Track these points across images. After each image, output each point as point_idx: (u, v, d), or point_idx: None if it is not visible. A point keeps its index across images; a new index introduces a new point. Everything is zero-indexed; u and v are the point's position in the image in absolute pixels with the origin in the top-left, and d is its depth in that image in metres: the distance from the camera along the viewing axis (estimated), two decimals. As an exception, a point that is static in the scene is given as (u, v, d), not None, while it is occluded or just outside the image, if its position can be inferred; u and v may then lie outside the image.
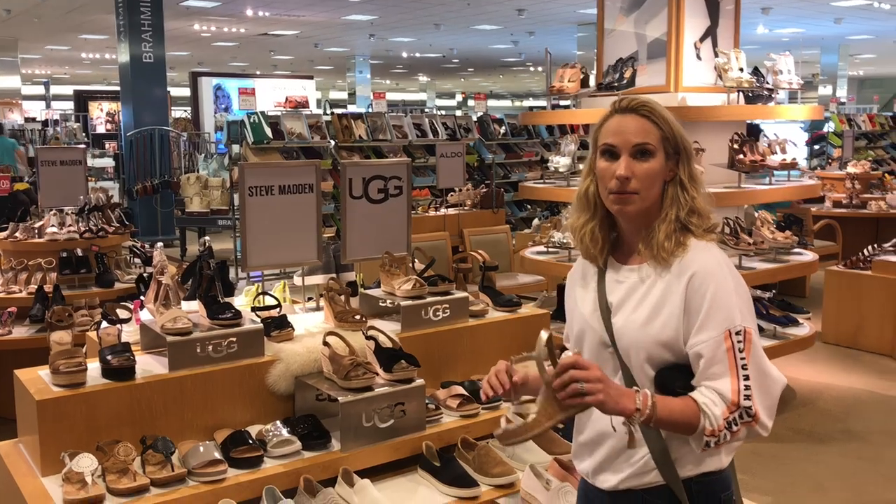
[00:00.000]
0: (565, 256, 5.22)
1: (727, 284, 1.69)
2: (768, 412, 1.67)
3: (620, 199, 1.74)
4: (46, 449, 2.35)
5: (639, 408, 1.61)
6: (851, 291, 6.75)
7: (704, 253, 1.72)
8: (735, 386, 1.64)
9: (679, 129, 1.77)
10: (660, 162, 1.74)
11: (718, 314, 1.66)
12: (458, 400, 2.85)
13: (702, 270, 1.69)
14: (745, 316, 1.68)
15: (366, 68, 24.39)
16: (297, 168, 3.16)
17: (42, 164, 5.62)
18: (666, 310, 1.70)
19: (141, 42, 12.47)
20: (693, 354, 1.68)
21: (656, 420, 1.62)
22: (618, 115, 1.77)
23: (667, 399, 1.65)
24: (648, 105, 1.76)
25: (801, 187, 5.87)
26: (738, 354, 1.65)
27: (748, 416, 1.64)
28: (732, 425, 1.63)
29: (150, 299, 2.78)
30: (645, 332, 1.71)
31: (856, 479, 4.31)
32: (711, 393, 1.65)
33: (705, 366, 1.66)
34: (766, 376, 1.68)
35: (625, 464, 1.77)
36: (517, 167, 11.46)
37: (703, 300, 1.67)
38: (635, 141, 1.73)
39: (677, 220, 1.74)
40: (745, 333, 1.66)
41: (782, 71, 5.53)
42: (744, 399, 1.64)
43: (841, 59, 22.34)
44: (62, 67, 26.38)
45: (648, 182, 1.73)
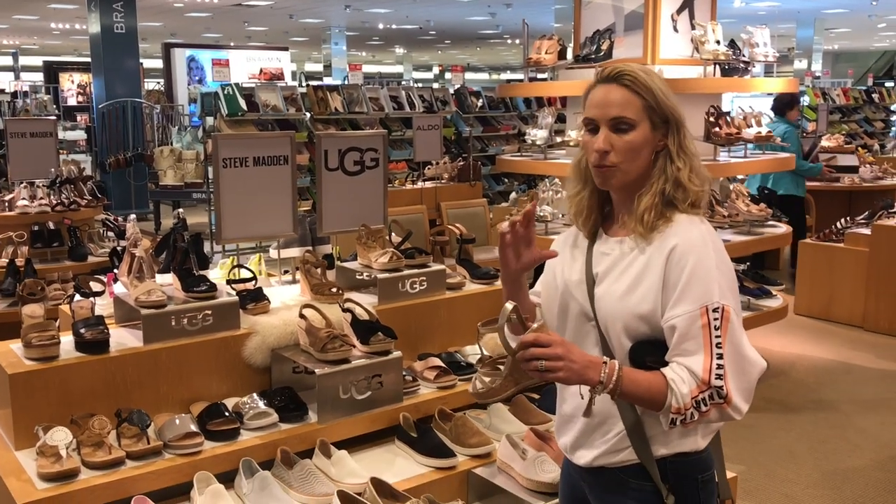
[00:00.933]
0: (542, 230, 5.23)
1: (708, 260, 1.65)
2: (743, 395, 1.62)
3: (600, 173, 1.72)
4: (20, 423, 2.33)
5: (601, 380, 1.59)
6: (824, 264, 6.84)
7: (689, 226, 1.69)
8: (707, 364, 1.60)
9: (666, 98, 1.71)
10: (642, 133, 1.70)
11: (696, 289, 1.62)
12: (435, 371, 2.86)
13: (683, 243, 1.66)
14: (724, 293, 1.64)
15: (341, 40, 24.10)
16: (271, 139, 3.13)
17: (11, 136, 5.53)
18: (645, 282, 1.67)
19: (112, 12, 12.23)
20: (667, 328, 1.65)
21: (620, 392, 1.60)
22: (600, 85, 1.73)
23: (634, 372, 1.63)
24: (631, 74, 1.70)
25: (774, 160, 5.90)
26: (713, 332, 1.61)
27: (719, 396, 1.59)
28: (701, 405, 1.59)
29: (124, 272, 2.75)
30: (623, 303, 1.68)
31: (826, 447, 4.39)
32: (682, 370, 1.61)
33: (678, 341, 1.63)
34: (743, 358, 1.64)
35: (599, 440, 1.75)
36: (494, 140, 11.44)
37: (681, 273, 1.64)
38: (612, 114, 1.69)
39: (662, 194, 1.70)
40: (723, 311, 1.62)
41: (758, 44, 5.54)
42: (715, 378, 1.59)
43: (816, 33, 22.41)
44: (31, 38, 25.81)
45: (629, 155, 1.69)
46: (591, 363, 1.60)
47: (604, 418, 1.73)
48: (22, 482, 2.17)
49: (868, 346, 6.15)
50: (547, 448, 2.55)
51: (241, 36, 25.00)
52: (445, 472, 2.51)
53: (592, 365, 1.60)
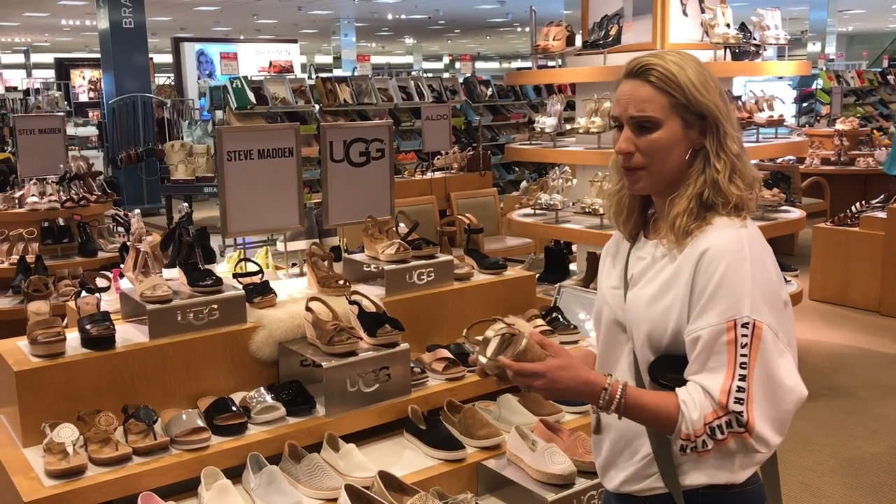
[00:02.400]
0: (552, 218, 5.19)
1: (741, 267, 1.46)
2: (772, 425, 1.44)
3: (627, 176, 1.59)
4: (27, 420, 2.33)
5: (601, 405, 1.49)
6: (839, 248, 6.76)
7: (726, 231, 1.51)
8: (726, 385, 1.43)
9: (700, 93, 1.54)
10: (671, 131, 1.54)
11: (725, 299, 1.45)
12: (443, 363, 2.83)
13: (715, 248, 1.48)
14: (757, 307, 1.45)
15: (351, 31, 24.05)
16: (276, 132, 3.11)
17: (20, 132, 5.53)
18: (672, 291, 1.52)
19: (120, 7, 12.24)
20: (689, 341, 1.49)
21: (625, 413, 1.49)
22: (626, 81, 1.59)
23: (642, 394, 1.50)
24: (657, 68, 1.54)
25: (787, 144, 5.83)
26: (739, 350, 1.43)
27: (738, 424, 1.42)
28: (717, 432, 1.43)
29: (129, 267, 2.74)
30: (648, 311, 1.55)
31: (843, 433, 4.34)
32: (697, 391, 1.46)
33: (699, 356, 1.47)
34: (775, 383, 1.45)
35: (626, 462, 1.62)
36: (504, 129, 11.38)
37: (709, 281, 1.47)
38: (632, 112, 1.55)
39: (698, 197, 1.54)
40: (754, 327, 1.44)
41: (769, 27, 5.46)
42: (734, 402, 1.42)
43: (830, 14, 22.14)
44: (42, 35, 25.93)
45: (656, 156, 1.55)
46: (587, 385, 1.49)
47: (631, 438, 1.60)
48: (29, 479, 2.17)
49: (884, 331, 6.08)
50: (557, 439, 2.52)
51: (251, 29, 25.00)
52: (454, 465, 2.49)
53: (588, 387, 1.49)
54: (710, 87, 1.55)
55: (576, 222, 5.07)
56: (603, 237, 4.76)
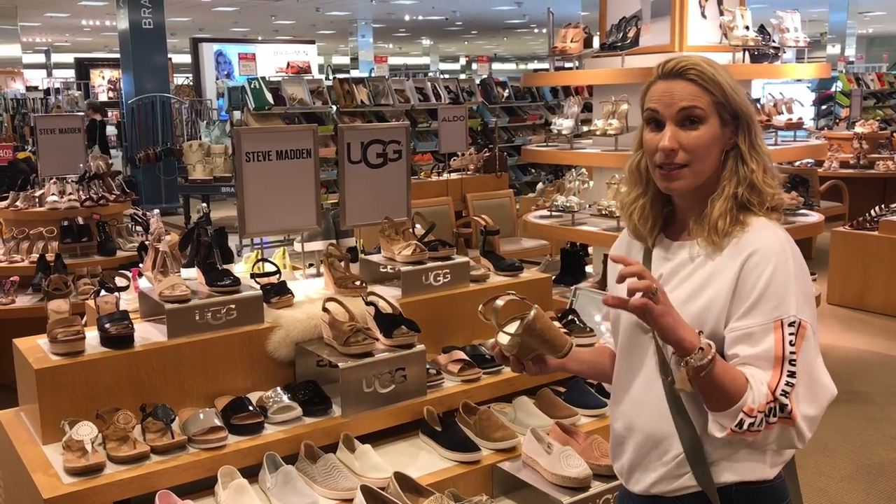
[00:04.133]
0: (569, 220, 5.18)
1: (788, 268, 1.50)
2: (808, 421, 1.48)
3: (667, 176, 1.57)
4: (46, 417, 2.35)
5: (702, 346, 1.42)
6: (858, 252, 6.71)
7: (768, 232, 1.54)
8: (775, 380, 1.46)
9: (736, 93, 1.56)
10: (713, 129, 1.55)
11: (773, 299, 1.48)
12: (459, 365, 2.84)
13: (763, 249, 1.51)
14: (802, 307, 1.49)
15: (368, 32, 24.12)
16: (294, 133, 3.12)
17: (41, 132, 5.59)
18: (711, 290, 1.53)
19: (140, 8, 12.33)
20: (732, 338, 1.50)
21: (710, 371, 1.43)
22: (662, 81, 1.58)
23: (726, 364, 1.48)
24: (697, 67, 1.55)
25: (806, 147, 5.79)
26: (787, 348, 1.47)
27: (784, 412, 1.46)
28: (770, 415, 1.45)
29: (148, 267, 2.77)
30: (682, 311, 1.50)
31: (860, 439, 4.31)
32: (759, 374, 1.47)
33: (745, 353, 1.49)
34: (815, 381, 1.49)
35: (656, 462, 1.61)
36: (521, 130, 11.37)
37: (758, 280, 1.49)
38: (681, 104, 1.54)
39: (735, 197, 1.55)
40: (800, 326, 1.48)
41: (789, 29, 5.42)
42: (781, 394, 1.45)
43: (850, 16, 21.97)
44: (62, 35, 26.16)
45: (700, 153, 1.55)
46: (688, 326, 1.45)
47: (660, 439, 1.60)
48: (49, 476, 2.19)
49: (904, 337, 6.03)
50: (572, 442, 2.52)
51: (269, 30, 25.12)
52: (470, 467, 2.49)
53: (690, 328, 1.45)
54: (739, 89, 1.58)
55: (592, 224, 5.06)
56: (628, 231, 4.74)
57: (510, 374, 2.88)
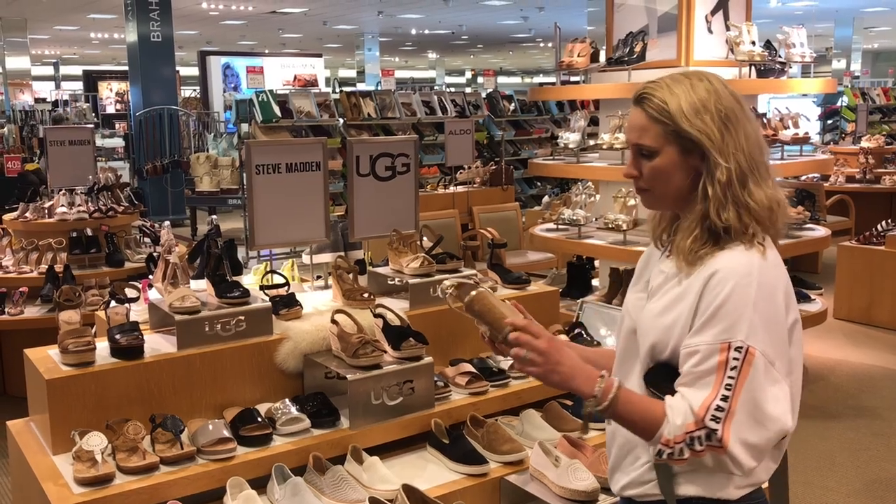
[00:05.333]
0: (575, 234, 5.19)
1: (746, 293, 1.49)
2: (748, 449, 1.47)
3: (640, 197, 1.67)
4: (57, 427, 2.36)
5: (595, 394, 1.50)
6: (865, 267, 6.70)
7: (737, 255, 1.53)
8: (707, 401, 1.47)
9: (687, 122, 1.54)
10: (669, 158, 1.57)
11: (723, 321, 1.48)
12: (466, 377, 2.84)
13: (725, 269, 1.51)
14: (754, 333, 1.47)
15: (374, 46, 24.24)
16: (303, 146, 3.15)
17: (51, 144, 5.62)
18: (678, 308, 1.56)
19: (149, 21, 12.42)
20: (684, 354, 1.53)
21: (613, 412, 1.52)
22: (632, 107, 1.64)
23: (634, 394, 1.55)
24: (650, 95, 1.58)
25: (812, 162, 5.80)
26: (727, 372, 1.46)
27: (714, 440, 1.46)
28: (696, 443, 1.47)
29: (158, 278, 2.78)
30: (655, 322, 1.59)
31: (867, 455, 4.29)
32: (683, 401, 1.50)
33: (691, 371, 1.51)
34: (759, 410, 1.47)
35: (629, 466, 1.66)
36: (527, 144, 11.40)
37: (713, 300, 1.50)
38: (632, 140, 1.62)
39: (703, 220, 1.56)
40: (747, 353, 1.46)
41: (795, 44, 5.45)
42: (710, 420, 1.46)
43: (855, 32, 22.02)
44: (71, 48, 26.33)
45: (657, 181, 1.60)
46: (584, 373, 1.53)
47: (635, 444, 1.63)
48: (59, 486, 2.20)
49: (911, 352, 6.01)
50: (580, 455, 2.52)
51: (276, 43, 25.25)
52: (477, 479, 2.49)
53: (585, 375, 1.53)
54: (702, 115, 1.55)
55: (598, 238, 5.07)
56: (626, 253, 4.76)
57: (518, 388, 2.88)
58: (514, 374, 2.93)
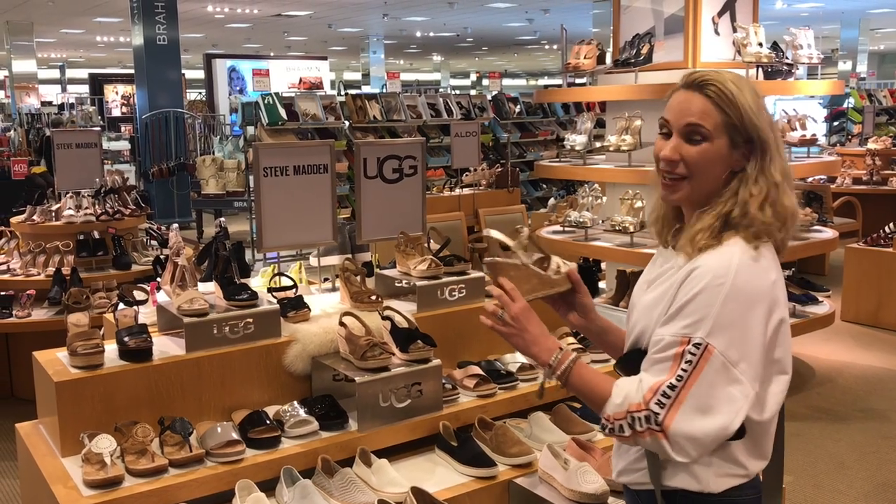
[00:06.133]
0: (582, 236, 5.18)
1: (718, 291, 1.49)
2: (689, 439, 1.48)
3: (666, 185, 1.61)
4: (65, 430, 2.36)
5: (550, 363, 1.61)
6: (872, 269, 6.68)
7: (726, 252, 1.53)
8: (656, 386, 1.50)
9: (754, 116, 1.54)
10: (718, 148, 1.55)
11: (689, 316, 1.50)
12: (474, 380, 2.84)
13: (705, 266, 1.52)
14: (717, 332, 1.47)
15: (379, 48, 24.27)
16: (311, 148, 3.15)
17: (58, 147, 5.63)
18: (665, 299, 1.57)
19: (155, 24, 12.45)
20: (651, 341, 1.56)
21: (567, 383, 1.61)
22: (682, 91, 1.60)
23: (588, 370, 1.62)
24: (718, 84, 1.55)
25: (820, 163, 5.79)
26: (682, 364, 1.49)
27: (655, 423, 1.48)
28: (636, 423, 1.50)
29: (167, 281, 2.78)
30: (644, 313, 1.63)
31: (877, 458, 4.27)
32: (633, 382, 1.54)
33: (651, 356, 1.55)
34: (707, 408, 1.47)
35: (625, 453, 1.68)
36: (532, 146, 11.39)
37: (685, 294, 1.51)
38: (689, 119, 1.56)
39: (725, 216, 1.55)
40: (705, 351, 1.47)
41: (802, 46, 5.44)
42: (655, 403, 1.49)
43: (861, 33, 21.98)
44: (77, 51, 26.43)
45: (700, 168, 1.56)
46: (546, 342, 1.63)
47: None
48: (68, 489, 2.20)
49: (919, 354, 5.99)
50: (589, 458, 2.51)
51: (281, 46, 25.31)
52: (486, 482, 2.49)
53: (546, 345, 1.63)
54: (762, 114, 1.57)
55: (605, 240, 5.07)
56: (633, 255, 4.75)
57: (526, 390, 2.88)
58: (522, 377, 2.93)
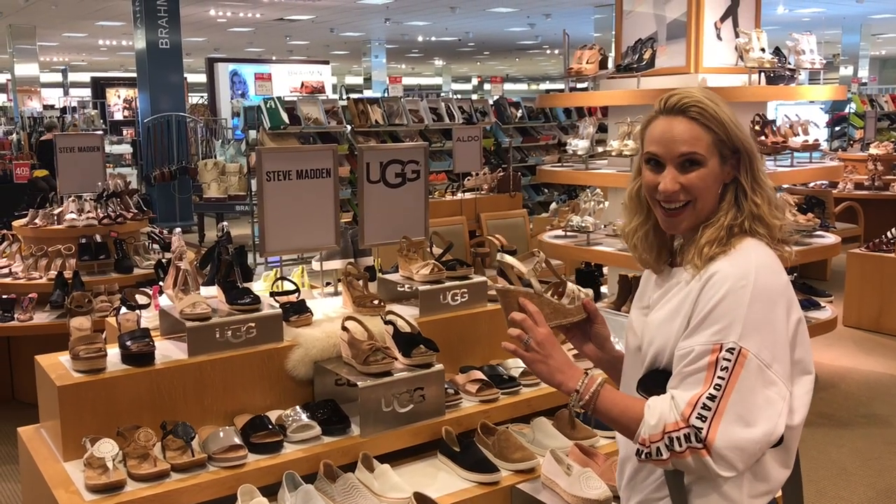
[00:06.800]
0: (584, 241, 5.18)
1: (741, 294, 1.47)
2: (734, 451, 1.42)
3: (669, 216, 1.59)
4: (68, 434, 2.36)
5: (578, 389, 1.55)
6: (874, 275, 6.67)
7: (743, 255, 1.52)
8: (694, 399, 1.44)
9: (736, 128, 1.56)
10: (713, 168, 1.55)
11: (718, 322, 1.46)
12: (477, 385, 2.83)
13: (723, 271, 1.50)
14: (748, 335, 1.45)
15: (381, 53, 24.29)
16: (314, 153, 3.14)
17: (60, 150, 5.64)
18: (682, 311, 1.54)
19: (157, 28, 12.47)
20: (677, 357, 1.51)
21: (595, 409, 1.54)
22: (664, 118, 1.58)
23: (617, 394, 1.56)
24: (699, 105, 1.55)
25: (822, 169, 5.78)
26: (717, 371, 1.44)
27: (696, 440, 1.42)
28: (675, 444, 1.44)
29: (169, 285, 2.78)
30: (659, 330, 1.58)
31: (879, 464, 4.26)
32: (666, 401, 1.48)
33: (681, 371, 1.49)
34: (749, 412, 1.43)
35: (643, 483, 1.63)
36: (534, 151, 11.40)
37: (708, 302, 1.49)
38: (681, 150, 1.55)
39: (729, 228, 1.55)
40: (739, 354, 1.44)
41: (804, 51, 5.44)
42: (696, 418, 1.43)
43: (863, 38, 22.00)
44: (79, 54, 26.46)
45: (701, 192, 1.56)
46: (570, 369, 1.58)
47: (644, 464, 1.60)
48: (70, 493, 2.20)
49: (921, 360, 5.98)
50: (592, 464, 2.51)
51: (283, 50, 25.33)
52: (489, 488, 2.48)
53: (571, 371, 1.58)
54: (739, 124, 1.58)
55: (607, 245, 5.07)
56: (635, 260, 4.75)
57: (528, 395, 2.87)
58: (524, 382, 2.92)
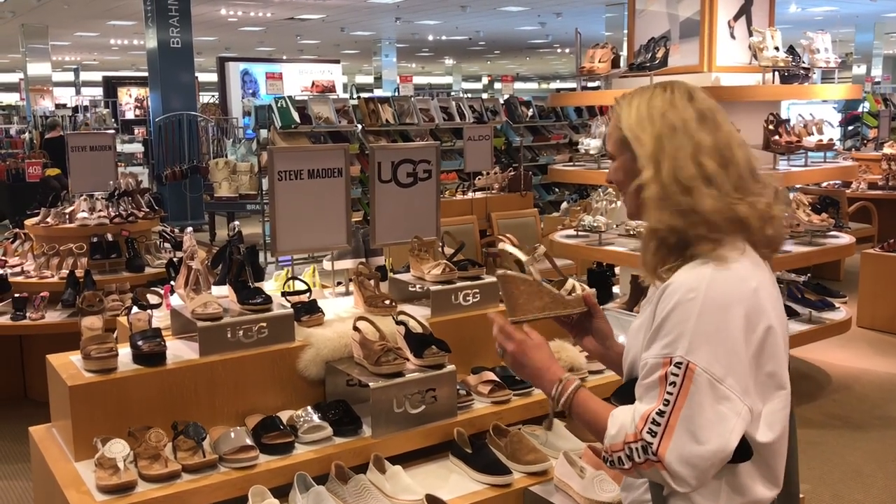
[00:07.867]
0: (596, 240, 5.15)
1: (689, 307, 1.46)
2: (685, 466, 1.43)
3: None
4: (79, 434, 2.35)
5: (552, 396, 1.63)
6: (889, 275, 6.61)
7: (692, 268, 1.51)
8: (646, 414, 1.47)
9: (631, 130, 1.59)
10: (622, 164, 1.64)
11: (667, 335, 1.48)
12: (489, 386, 2.81)
13: (674, 284, 1.50)
14: (695, 349, 1.44)
15: (392, 52, 24.30)
16: (325, 152, 3.14)
17: (72, 149, 5.65)
18: (647, 322, 1.57)
19: (168, 27, 12.51)
20: (640, 367, 1.54)
21: (571, 413, 1.62)
22: None
23: (591, 401, 1.61)
24: (615, 105, 1.67)
25: (837, 169, 5.74)
26: (667, 387, 1.45)
27: (651, 453, 1.45)
28: (635, 455, 1.46)
29: (181, 284, 2.77)
30: (634, 340, 1.63)
31: (895, 466, 4.22)
32: (624, 413, 1.52)
33: (640, 383, 1.52)
34: (698, 428, 1.43)
35: (631, 485, 1.68)
36: (545, 150, 11.37)
37: (661, 314, 1.50)
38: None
39: (654, 232, 1.56)
40: (687, 369, 1.44)
41: (819, 49, 5.39)
42: (646, 433, 1.45)
43: (876, 37, 21.86)
44: (91, 54, 26.57)
45: (618, 183, 1.68)
46: (547, 374, 1.65)
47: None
48: (81, 493, 2.19)
49: (937, 361, 5.92)
50: (605, 467, 2.48)
51: (294, 49, 25.37)
52: (501, 490, 2.46)
53: (548, 376, 1.65)
54: (644, 123, 1.58)
55: (619, 245, 5.04)
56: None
57: (541, 396, 2.85)
58: (537, 383, 2.90)
